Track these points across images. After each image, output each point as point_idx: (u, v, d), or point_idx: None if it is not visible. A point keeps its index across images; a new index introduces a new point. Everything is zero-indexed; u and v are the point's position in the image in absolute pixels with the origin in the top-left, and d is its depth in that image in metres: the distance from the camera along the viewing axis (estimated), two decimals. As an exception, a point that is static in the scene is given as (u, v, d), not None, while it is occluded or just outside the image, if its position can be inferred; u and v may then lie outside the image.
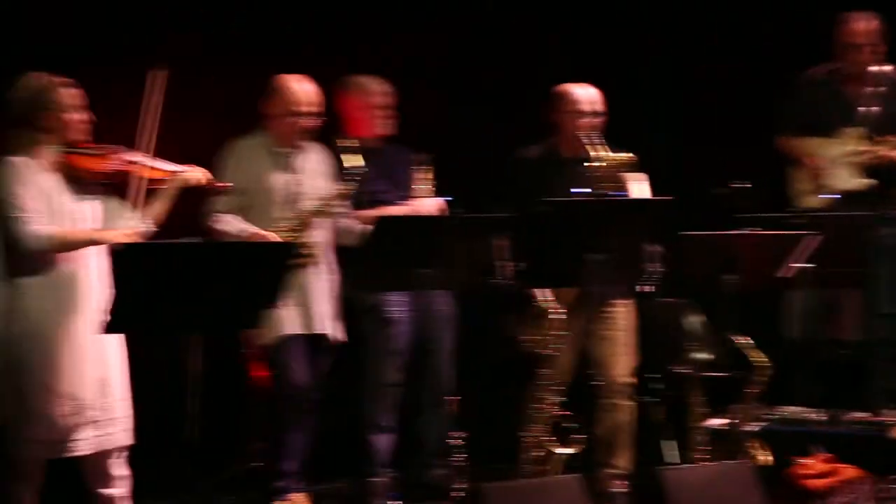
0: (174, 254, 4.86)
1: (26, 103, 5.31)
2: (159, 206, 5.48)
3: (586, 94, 6.37)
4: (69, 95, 5.34)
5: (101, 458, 5.42)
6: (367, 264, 5.40)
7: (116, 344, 5.42)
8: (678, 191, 6.53)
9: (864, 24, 6.97)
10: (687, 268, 5.77)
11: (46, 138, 5.33)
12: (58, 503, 5.59)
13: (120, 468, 5.49)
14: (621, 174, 6.20)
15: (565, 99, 6.39)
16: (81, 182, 5.39)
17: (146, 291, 4.77)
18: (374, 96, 6.42)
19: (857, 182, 6.95)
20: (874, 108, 6.97)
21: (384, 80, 6.47)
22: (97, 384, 5.33)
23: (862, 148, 6.93)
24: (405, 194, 6.47)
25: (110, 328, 4.92)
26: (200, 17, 6.87)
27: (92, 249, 5.34)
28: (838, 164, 6.97)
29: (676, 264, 5.75)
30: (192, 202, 5.77)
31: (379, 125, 6.44)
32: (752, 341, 6.15)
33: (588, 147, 6.28)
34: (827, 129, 7.03)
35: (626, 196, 6.10)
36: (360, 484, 5.67)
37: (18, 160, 5.26)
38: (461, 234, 5.34)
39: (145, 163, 5.44)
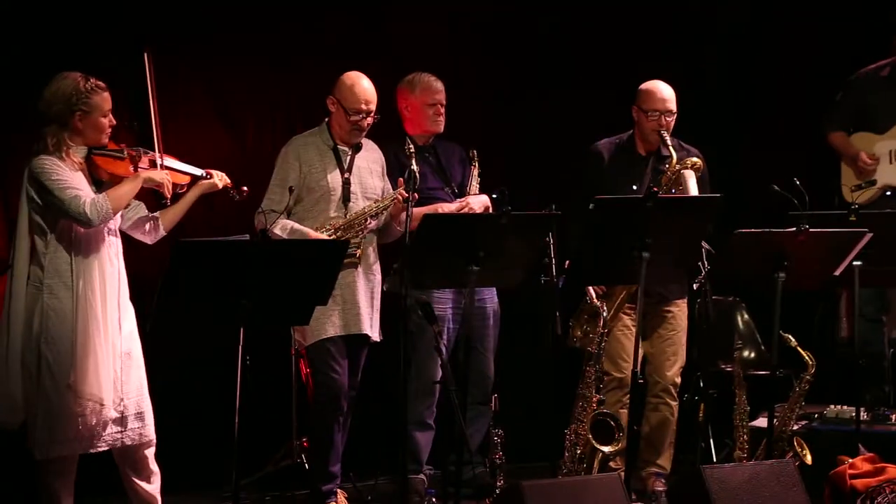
0: (226, 251, 4.92)
1: (59, 103, 5.33)
2: (176, 211, 5.53)
3: (668, 93, 6.36)
4: (102, 99, 5.38)
5: (131, 452, 5.46)
6: (413, 262, 5.39)
7: (139, 342, 5.46)
8: (732, 188, 6.54)
9: None
10: (737, 265, 5.73)
11: (76, 139, 5.37)
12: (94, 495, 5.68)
13: (152, 463, 5.53)
14: (683, 172, 6.19)
15: (645, 97, 6.38)
16: (106, 184, 5.42)
17: (195, 287, 4.84)
18: (435, 94, 6.46)
19: None
20: None
21: (438, 78, 6.50)
22: (126, 382, 5.37)
23: None
24: (457, 190, 6.51)
25: (158, 323, 4.98)
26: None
27: (111, 253, 5.37)
28: (886, 160, 6.93)
29: (727, 262, 5.72)
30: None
31: (435, 123, 6.47)
32: (798, 340, 6.13)
33: (662, 146, 6.29)
34: (881, 126, 6.99)
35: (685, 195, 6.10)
36: (400, 480, 5.66)
37: (50, 158, 5.30)
38: (507, 231, 5.33)
39: (169, 166, 5.49)
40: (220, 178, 5.61)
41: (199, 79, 6.77)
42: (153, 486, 5.52)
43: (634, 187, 6.30)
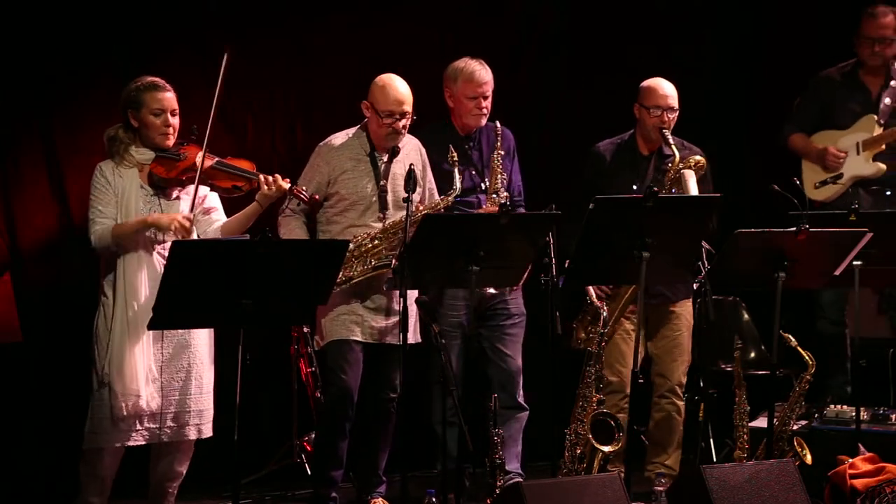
0: (225, 251, 4.93)
1: (122, 102, 5.53)
2: (233, 226, 5.55)
3: (669, 90, 6.35)
4: (152, 97, 5.47)
5: (159, 450, 5.54)
6: (413, 262, 5.38)
7: (200, 344, 5.53)
8: (732, 187, 6.54)
9: (892, 18, 6.97)
10: (737, 265, 5.73)
11: (132, 137, 5.51)
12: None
13: (180, 463, 5.60)
14: (683, 171, 6.18)
15: (647, 94, 6.37)
16: (162, 185, 5.50)
17: (194, 287, 4.84)
18: (477, 87, 6.23)
19: (873, 168, 6.92)
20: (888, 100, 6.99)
21: (486, 66, 6.31)
22: (167, 385, 5.44)
23: (876, 134, 6.91)
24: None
25: (155, 323, 4.98)
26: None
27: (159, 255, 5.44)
28: (854, 152, 6.94)
29: (727, 262, 5.72)
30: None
31: (475, 118, 6.28)
32: (798, 339, 6.13)
33: (664, 143, 6.28)
34: (842, 122, 7.03)
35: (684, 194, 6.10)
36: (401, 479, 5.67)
37: (104, 164, 5.49)
38: (507, 231, 5.32)
39: (223, 170, 5.52)
40: (270, 185, 5.52)
41: (198, 79, 6.75)
42: (173, 486, 5.62)
43: (635, 187, 6.30)
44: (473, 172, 6.32)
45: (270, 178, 5.54)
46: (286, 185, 5.55)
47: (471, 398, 5.97)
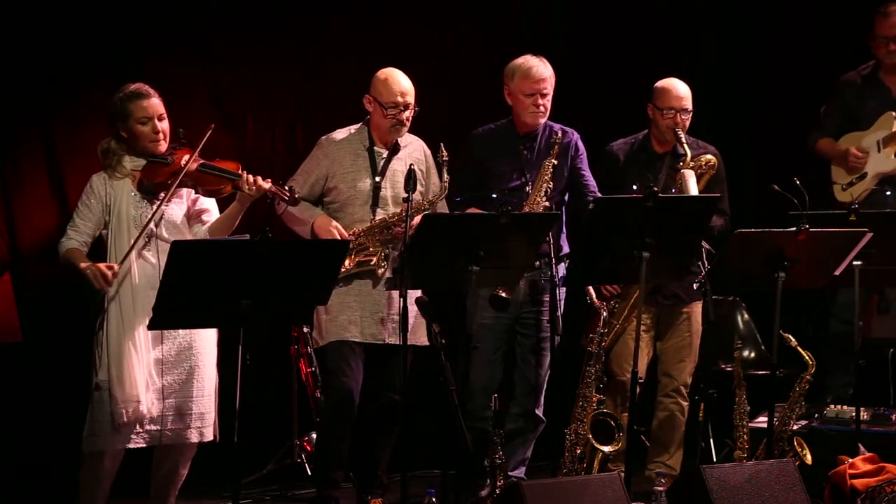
0: (225, 251, 4.93)
1: (110, 113, 5.48)
2: (221, 228, 5.51)
3: (683, 92, 6.35)
4: (137, 106, 5.43)
5: (162, 452, 5.53)
6: (413, 262, 5.38)
7: (204, 348, 5.51)
8: (733, 188, 6.54)
9: None
10: (737, 265, 5.73)
11: (125, 147, 5.47)
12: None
13: (183, 466, 5.60)
14: (683, 171, 6.18)
15: (661, 95, 6.37)
16: (151, 190, 5.47)
17: (193, 287, 4.84)
18: (535, 83, 6.12)
19: (894, 163, 6.91)
20: None
21: (546, 63, 6.21)
22: (167, 386, 5.42)
23: (895, 129, 6.91)
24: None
25: (155, 323, 4.98)
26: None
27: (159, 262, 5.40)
28: (875, 150, 6.94)
29: (727, 262, 5.72)
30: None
31: (532, 115, 6.18)
32: (798, 339, 6.13)
33: (677, 143, 6.28)
34: (864, 124, 7.02)
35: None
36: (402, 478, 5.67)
37: (97, 178, 5.46)
38: (507, 231, 5.32)
39: (208, 172, 5.47)
40: (251, 185, 5.46)
41: (198, 79, 6.77)
42: (173, 489, 5.61)
43: (635, 187, 6.29)
44: (515, 175, 6.23)
45: (251, 179, 5.46)
46: (266, 185, 5.48)
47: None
